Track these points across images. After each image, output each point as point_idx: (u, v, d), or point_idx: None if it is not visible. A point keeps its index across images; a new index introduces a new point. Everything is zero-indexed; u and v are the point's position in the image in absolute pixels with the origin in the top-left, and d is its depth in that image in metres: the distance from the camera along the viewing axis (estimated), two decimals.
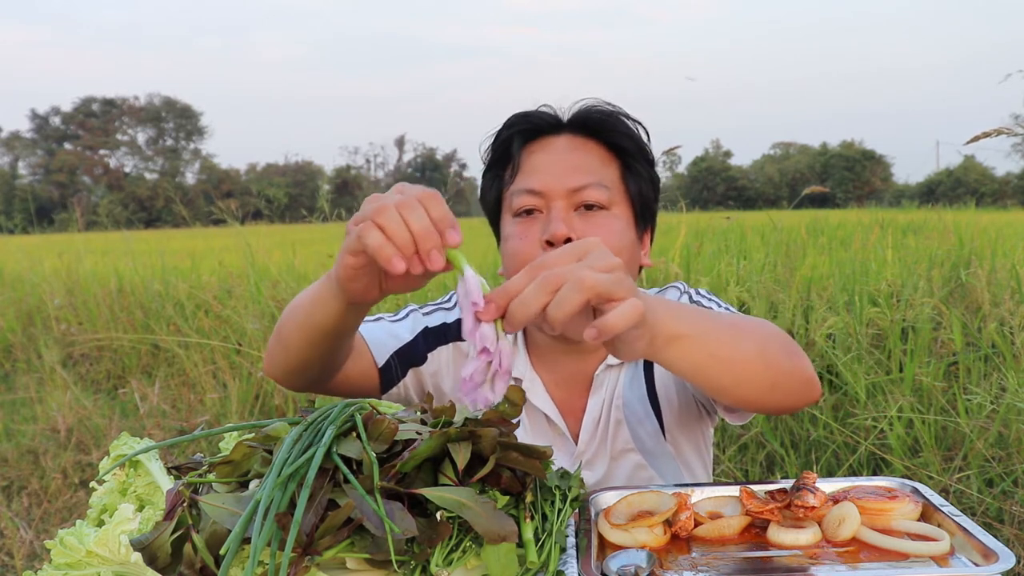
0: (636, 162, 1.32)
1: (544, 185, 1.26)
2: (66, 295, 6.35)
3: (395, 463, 0.85)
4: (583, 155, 1.29)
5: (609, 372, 1.39)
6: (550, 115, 1.33)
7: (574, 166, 1.27)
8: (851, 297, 3.83)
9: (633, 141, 1.31)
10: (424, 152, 75.48)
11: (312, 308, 1.09)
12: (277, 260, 5.96)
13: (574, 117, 1.32)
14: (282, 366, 1.21)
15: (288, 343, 1.17)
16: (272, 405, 4.13)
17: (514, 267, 1.27)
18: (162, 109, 72.08)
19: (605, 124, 1.30)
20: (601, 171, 1.29)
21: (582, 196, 1.26)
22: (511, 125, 1.33)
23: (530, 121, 1.32)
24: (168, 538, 0.81)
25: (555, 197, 1.26)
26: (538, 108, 1.35)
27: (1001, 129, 2.22)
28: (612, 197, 1.28)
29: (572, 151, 1.29)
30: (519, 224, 1.28)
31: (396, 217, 0.84)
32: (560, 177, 1.26)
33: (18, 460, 3.96)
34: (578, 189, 1.25)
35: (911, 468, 2.72)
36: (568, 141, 1.30)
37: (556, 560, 0.84)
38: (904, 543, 0.88)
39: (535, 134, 1.31)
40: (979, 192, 27.44)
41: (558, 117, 1.32)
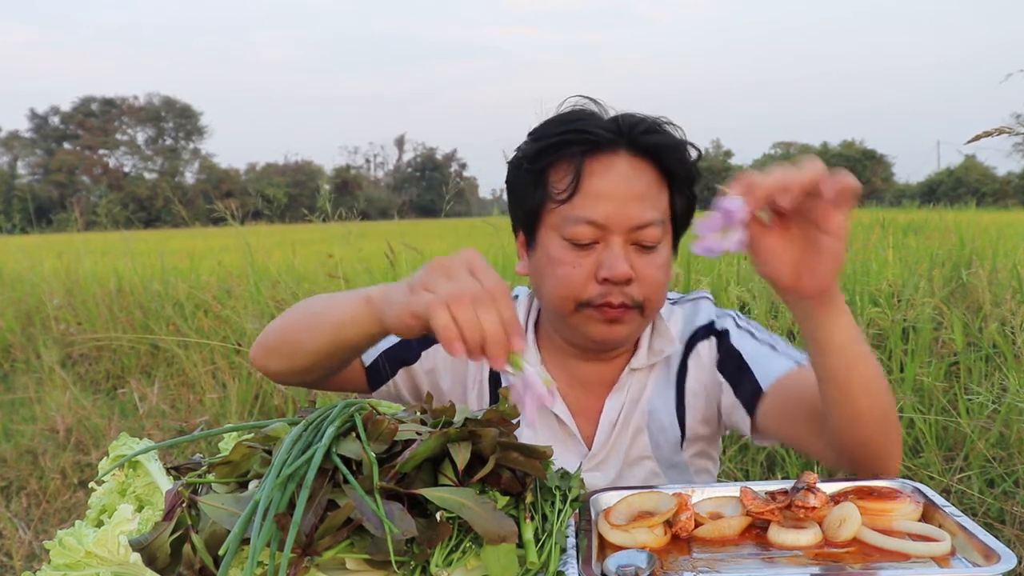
0: (685, 185, 1.29)
1: (607, 219, 1.21)
2: (65, 295, 6.35)
3: (395, 463, 0.84)
4: (643, 183, 1.24)
5: (634, 376, 1.37)
6: (606, 126, 1.25)
7: (635, 196, 1.22)
8: (852, 297, 3.83)
9: (686, 168, 1.28)
10: (424, 152, 75.49)
11: (342, 327, 1.09)
12: (277, 260, 5.96)
13: (636, 137, 1.24)
14: (284, 365, 1.22)
15: (300, 348, 1.17)
16: (272, 405, 4.13)
17: (561, 295, 1.24)
18: (161, 109, 72.09)
19: (669, 152, 1.25)
20: (657, 201, 1.25)
21: (642, 235, 1.22)
22: (567, 141, 1.24)
23: (589, 137, 1.23)
24: (167, 538, 0.81)
25: (615, 231, 1.21)
26: (578, 104, 1.29)
27: (1002, 129, 2.22)
28: (664, 230, 1.26)
29: (633, 178, 1.23)
30: (572, 252, 1.23)
31: (471, 314, 0.88)
32: (622, 209, 1.21)
33: (17, 460, 3.95)
34: (640, 227, 1.22)
35: (912, 468, 2.72)
36: (628, 164, 1.23)
37: (556, 561, 0.84)
38: (905, 544, 0.88)
39: (595, 150, 1.23)
40: (980, 192, 27.44)
41: (618, 127, 1.24)
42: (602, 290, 1.21)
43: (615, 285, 1.21)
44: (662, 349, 1.37)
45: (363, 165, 77.22)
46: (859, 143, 55.49)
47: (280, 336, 1.22)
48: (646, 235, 1.22)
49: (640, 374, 1.38)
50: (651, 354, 1.37)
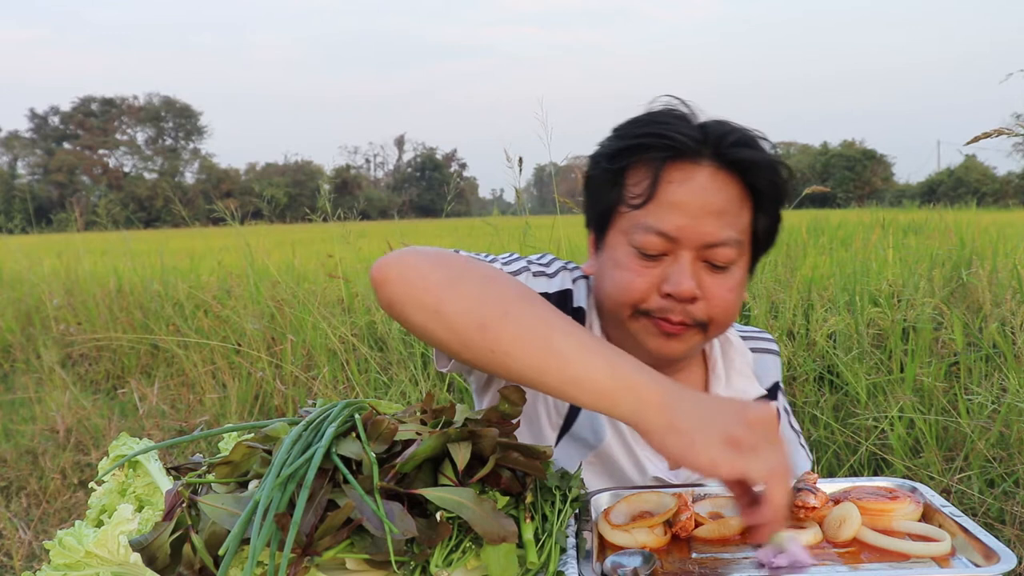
0: (771, 205, 1.20)
1: (679, 232, 1.13)
2: (65, 295, 6.35)
3: (395, 463, 0.84)
4: (725, 199, 1.15)
5: None
6: (693, 131, 1.15)
7: (714, 212, 1.14)
8: (852, 297, 3.83)
9: (776, 190, 1.19)
10: (424, 152, 75.48)
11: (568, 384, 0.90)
12: (277, 260, 5.96)
13: (724, 149, 1.15)
14: (437, 332, 0.97)
15: (486, 344, 0.93)
16: (271, 405, 4.13)
17: (619, 300, 1.17)
18: (161, 109, 72.12)
19: (758, 171, 1.16)
20: (736, 220, 1.16)
21: (715, 254, 1.14)
22: (649, 144, 1.15)
23: (672, 143, 1.14)
24: (167, 539, 0.81)
25: (687, 246, 1.13)
26: (656, 101, 1.20)
27: (1002, 129, 2.22)
28: (741, 250, 1.18)
29: (713, 192, 1.14)
30: (638, 260, 1.15)
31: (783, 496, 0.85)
32: (697, 224, 1.13)
33: (17, 460, 3.95)
34: (713, 245, 1.14)
35: (912, 468, 2.72)
36: (711, 177, 1.14)
37: (556, 561, 0.83)
38: (905, 544, 0.88)
39: (676, 157, 1.15)
40: (980, 192, 27.45)
41: (704, 135, 1.15)
42: (663, 304, 1.15)
43: (678, 302, 1.14)
44: (745, 390, 1.32)
45: (363, 165, 77.26)
46: (859, 143, 55.48)
47: (458, 304, 0.95)
48: (718, 254, 1.14)
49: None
50: (731, 392, 1.31)
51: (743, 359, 1.35)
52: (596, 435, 1.25)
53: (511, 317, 0.93)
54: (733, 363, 1.34)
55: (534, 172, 30.01)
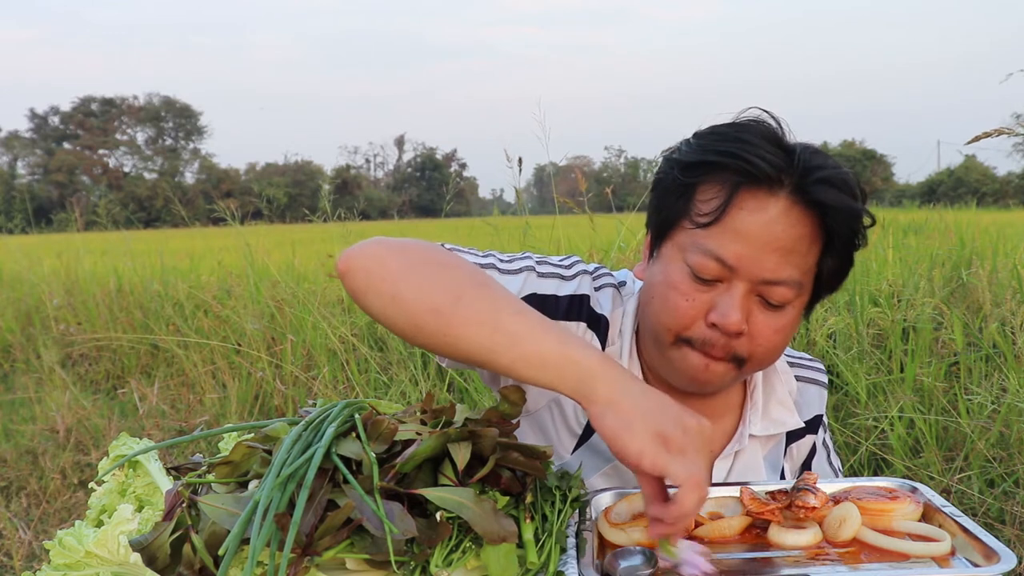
0: (843, 249, 1.13)
1: (738, 261, 1.06)
2: (65, 295, 6.35)
3: (395, 463, 0.84)
4: (794, 236, 1.08)
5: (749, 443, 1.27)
6: (778, 160, 1.07)
7: (779, 248, 1.07)
8: (852, 297, 3.83)
9: (852, 234, 1.11)
10: (424, 152, 75.48)
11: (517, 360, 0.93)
12: (277, 260, 5.96)
13: (805, 183, 1.07)
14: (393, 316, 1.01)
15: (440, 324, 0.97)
16: (272, 405, 4.13)
17: (664, 323, 1.12)
18: (161, 109, 72.13)
19: (836, 211, 1.08)
20: (802, 260, 1.09)
21: (771, 292, 1.08)
22: (725, 164, 1.08)
23: (752, 165, 1.07)
24: (167, 539, 0.81)
25: (743, 277, 1.07)
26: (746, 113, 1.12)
27: (1002, 129, 2.22)
28: (800, 292, 1.11)
29: (785, 227, 1.07)
30: (691, 283, 1.10)
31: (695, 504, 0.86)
32: (759, 257, 1.06)
33: (17, 460, 3.95)
34: (771, 283, 1.08)
35: (912, 468, 2.72)
36: (785, 211, 1.07)
37: (556, 561, 0.83)
38: (905, 544, 0.88)
39: (752, 183, 1.08)
40: (980, 192, 27.43)
41: (789, 163, 1.08)
42: (708, 335, 1.09)
43: (722, 334, 1.09)
44: (783, 421, 1.28)
45: (363, 165, 77.29)
46: (859, 143, 55.48)
47: (415, 291, 0.99)
48: (775, 293, 1.08)
49: (754, 443, 1.27)
50: (768, 422, 1.27)
51: (785, 388, 1.29)
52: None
53: (463, 301, 0.97)
54: (774, 391, 1.28)
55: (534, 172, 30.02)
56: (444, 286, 0.99)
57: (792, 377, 1.32)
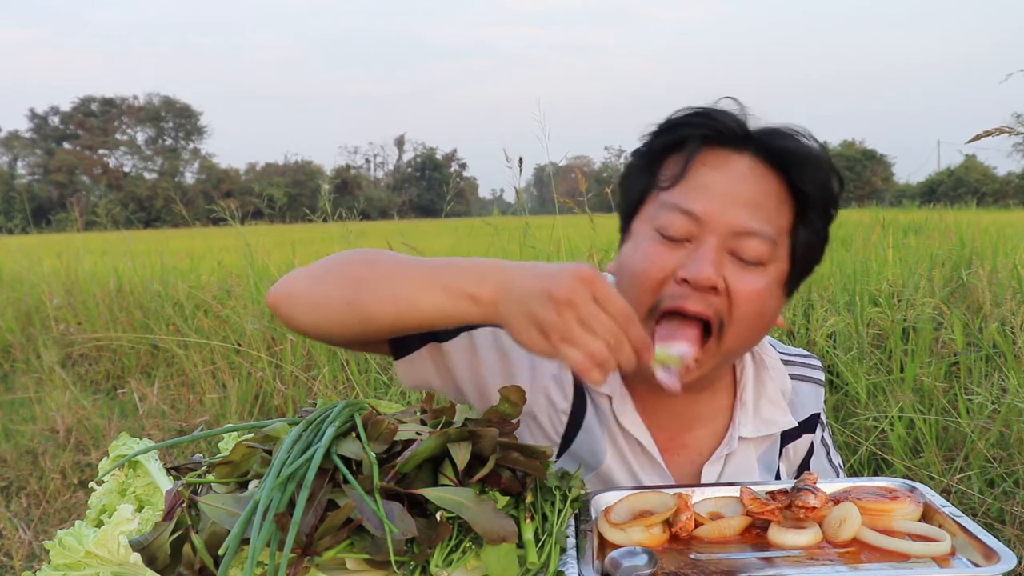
0: (816, 214, 1.11)
1: (705, 212, 1.04)
2: (65, 295, 6.35)
3: (395, 463, 0.84)
4: (762, 191, 1.07)
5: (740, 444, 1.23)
6: (737, 122, 1.09)
7: (747, 201, 1.05)
8: (852, 297, 3.83)
9: (823, 193, 1.10)
10: (424, 152, 75.50)
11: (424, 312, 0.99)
12: (277, 260, 5.95)
13: (766, 139, 1.08)
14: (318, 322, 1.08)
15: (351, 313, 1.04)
16: (271, 405, 4.13)
17: (637, 289, 1.08)
18: (161, 109, 72.14)
19: (802, 166, 1.08)
20: (774, 216, 1.07)
21: (743, 244, 1.05)
22: (688, 123, 1.10)
23: (714, 125, 1.08)
24: (167, 538, 0.81)
25: (712, 231, 1.04)
26: (719, 102, 1.12)
27: (1002, 128, 2.22)
28: (774, 252, 1.07)
29: (751, 181, 1.07)
30: (658, 244, 1.07)
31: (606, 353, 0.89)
32: (728, 209, 1.04)
33: (17, 460, 3.95)
34: (743, 234, 1.05)
35: (912, 468, 2.72)
36: (750, 167, 1.07)
37: (556, 561, 0.83)
38: (905, 544, 0.88)
39: (715, 142, 1.08)
40: (980, 192, 27.44)
41: (746, 127, 1.09)
42: (679, 291, 1.04)
43: (695, 290, 1.03)
44: (775, 421, 1.24)
45: (363, 165, 77.30)
46: (859, 143, 55.50)
47: (326, 292, 1.06)
48: (748, 245, 1.05)
49: (746, 445, 1.23)
50: (759, 422, 1.23)
51: (777, 386, 1.25)
52: (595, 457, 1.19)
53: (366, 284, 1.04)
54: (765, 390, 1.24)
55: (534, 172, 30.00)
56: (348, 279, 1.06)
57: (786, 375, 1.28)
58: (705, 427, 1.23)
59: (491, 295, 0.96)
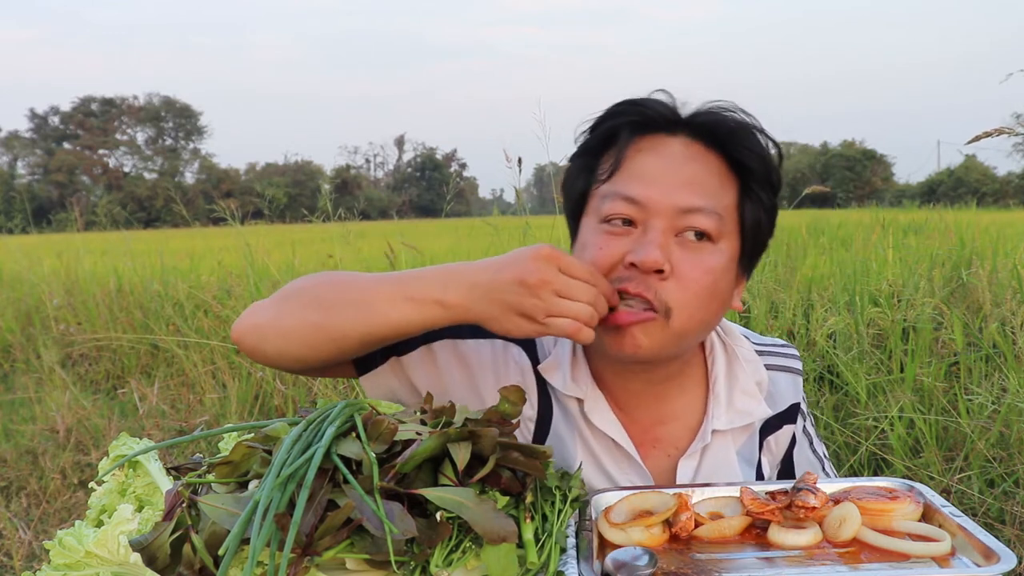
0: (759, 187, 1.10)
1: (647, 196, 1.05)
2: (65, 295, 6.35)
3: (395, 463, 0.84)
4: (701, 169, 1.08)
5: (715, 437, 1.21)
6: (667, 108, 1.10)
7: (687, 181, 1.06)
8: (852, 297, 3.83)
9: (762, 162, 1.10)
10: (424, 152, 75.49)
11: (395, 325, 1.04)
12: (277, 260, 5.95)
13: (698, 119, 1.09)
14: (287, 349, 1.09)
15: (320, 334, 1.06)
16: (272, 405, 4.13)
17: None
18: (161, 109, 72.12)
19: (734, 137, 1.08)
20: (718, 193, 1.07)
21: (689, 220, 1.05)
22: (619, 113, 1.11)
23: (643, 111, 1.09)
24: (167, 538, 0.81)
25: (657, 214, 1.05)
26: (652, 94, 1.12)
27: (1002, 129, 2.22)
28: (722, 227, 1.07)
29: (688, 161, 1.08)
30: (605, 234, 1.07)
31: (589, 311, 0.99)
32: (669, 191, 1.05)
33: (17, 460, 3.95)
34: (687, 211, 1.05)
35: (912, 468, 2.72)
36: (685, 147, 1.09)
37: (556, 561, 0.83)
38: (905, 544, 0.88)
39: (647, 128, 1.10)
40: (980, 192, 27.45)
41: (677, 112, 1.10)
42: (624, 275, 1.04)
43: (642, 273, 1.03)
44: (749, 411, 1.22)
45: (363, 165, 77.30)
46: (859, 143, 55.50)
47: (293, 318, 1.08)
48: (696, 220, 1.05)
49: (722, 437, 1.21)
50: (733, 413, 1.21)
51: (752, 377, 1.24)
52: (565, 462, 1.16)
53: (333, 304, 1.07)
54: (737, 381, 1.23)
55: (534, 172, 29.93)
56: (312, 303, 1.09)
57: (761, 367, 1.26)
58: (679, 421, 1.22)
59: (459, 299, 1.00)
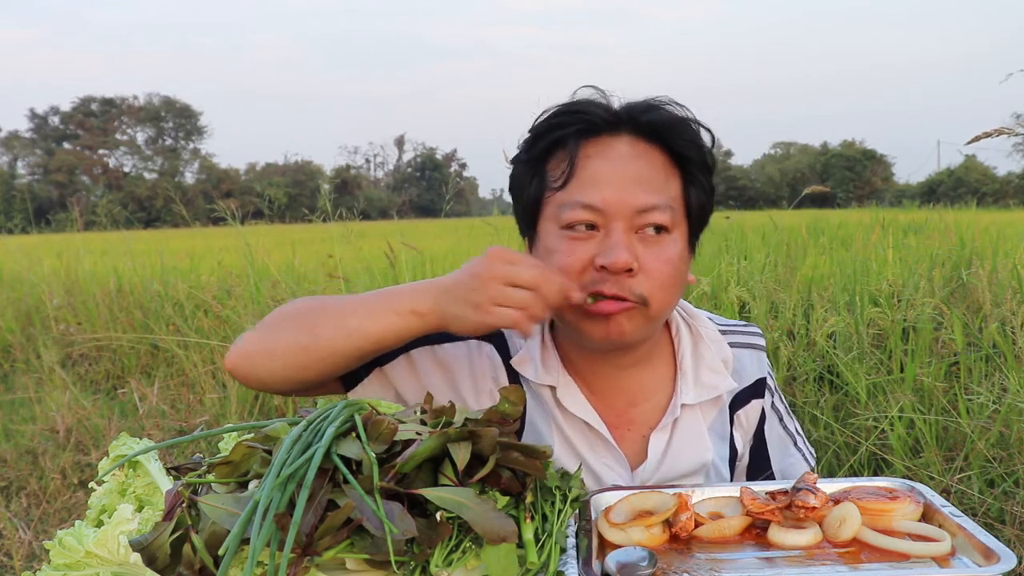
0: (699, 172, 1.18)
1: (605, 202, 1.11)
2: (65, 295, 6.35)
3: (395, 463, 0.84)
4: (647, 166, 1.14)
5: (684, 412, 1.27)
6: (606, 109, 1.16)
7: (638, 179, 1.13)
8: (852, 297, 3.83)
9: (699, 151, 1.17)
10: (424, 152, 75.49)
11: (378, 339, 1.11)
12: (277, 260, 5.95)
13: (637, 117, 1.15)
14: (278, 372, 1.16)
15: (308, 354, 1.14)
16: (271, 405, 4.13)
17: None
18: (161, 109, 72.11)
19: (673, 131, 1.15)
20: (666, 186, 1.15)
21: (647, 218, 1.12)
22: (562, 123, 1.16)
23: (585, 117, 1.15)
24: (167, 538, 0.81)
25: (616, 216, 1.11)
26: (585, 96, 1.18)
27: (1002, 129, 2.22)
28: (675, 218, 1.15)
29: (634, 159, 1.14)
30: (568, 240, 1.13)
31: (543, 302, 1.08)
32: (623, 193, 1.11)
33: (17, 460, 3.95)
34: (644, 210, 1.12)
35: (912, 468, 2.72)
36: (630, 146, 1.15)
37: (556, 561, 0.83)
38: (905, 544, 0.88)
39: (591, 132, 1.15)
40: (980, 192, 27.44)
41: (616, 112, 1.16)
42: (597, 278, 1.11)
43: (613, 274, 1.10)
44: (715, 385, 1.28)
45: (363, 165, 77.30)
46: (859, 143, 55.52)
47: (282, 342, 1.15)
48: (653, 218, 1.12)
49: (691, 412, 1.28)
50: (701, 388, 1.28)
51: (717, 356, 1.30)
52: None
53: (318, 325, 1.14)
54: (703, 359, 1.29)
55: None
56: (299, 326, 1.16)
57: (725, 345, 1.32)
58: (649, 400, 1.29)
59: (430, 306, 1.09)
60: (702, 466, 1.26)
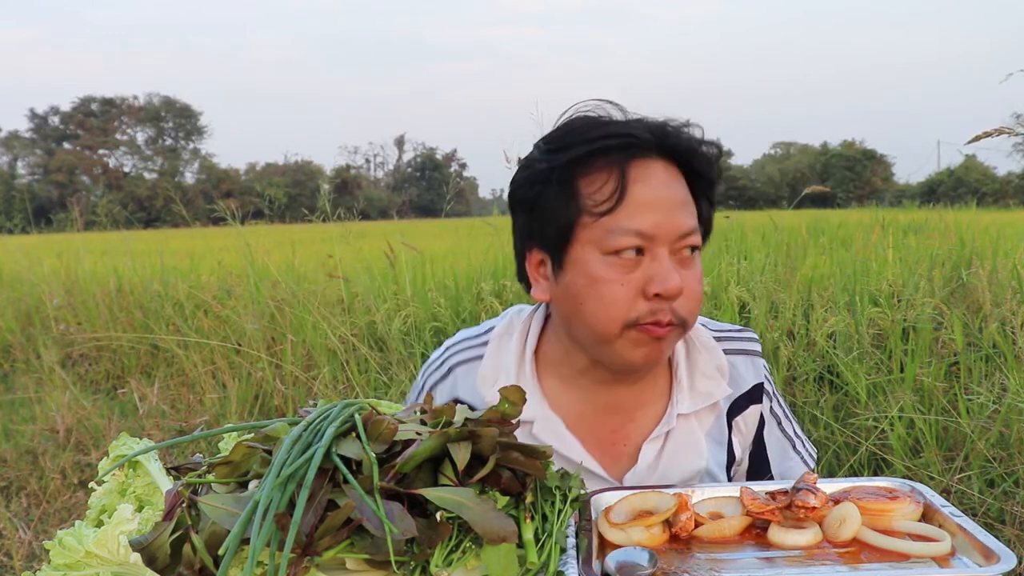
0: (709, 188, 1.22)
1: (656, 228, 1.12)
2: (65, 295, 6.35)
3: (395, 463, 0.84)
4: (681, 189, 1.17)
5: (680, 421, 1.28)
6: (649, 130, 1.16)
7: (678, 204, 1.15)
8: (852, 297, 3.83)
9: (711, 168, 1.20)
10: (424, 152, 75.46)
11: None
12: (277, 260, 5.95)
13: (668, 138, 1.16)
14: None
15: None
16: (272, 405, 4.13)
17: (608, 316, 1.14)
18: (161, 109, 72.07)
19: (697, 156, 1.18)
20: (693, 208, 1.18)
21: (687, 241, 1.15)
22: (610, 146, 1.14)
23: (633, 140, 1.14)
24: (167, 538, 0.80)
25: (663, 242, 1.13)
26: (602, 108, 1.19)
27: (1002, 129, 2.22)
28: (700, 236, 1.19)
29: (672, 184, 1.16)
30: (617, 267, 1.13)
31: None
32: (669, 219, 1.13)
33: (17, 460, 3.95)
34: (686, 234, 1.15)
35: (912, 468, 2.72)
36: (664, 171, 1.16)
37: (556, 561, 0.83)
38: (905, 544, 0.88)
39: (637, 155, 1.15)
40: (980, 192, 27.44)
41: (650, 133, 1.15)
42: (651, 307, 1.12)
43: (665, 301, 1.12)
44: (710, 392, 1.29)
45: (363, 165, 77.27)
46: (859, 143, 55.49)
47: None
48: (690, 240, 1.15)
49: (687, 421, 1.28)
50: (696, 396, 1.29)
51: (710, 362, 1.31)
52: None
53: None
54: (697, 365, 1.30)
55: None
56: None
57: (719, 352, 1.32)
58: (646, 413, 1.29)
59: None
60: (695, 474, 1.26)
